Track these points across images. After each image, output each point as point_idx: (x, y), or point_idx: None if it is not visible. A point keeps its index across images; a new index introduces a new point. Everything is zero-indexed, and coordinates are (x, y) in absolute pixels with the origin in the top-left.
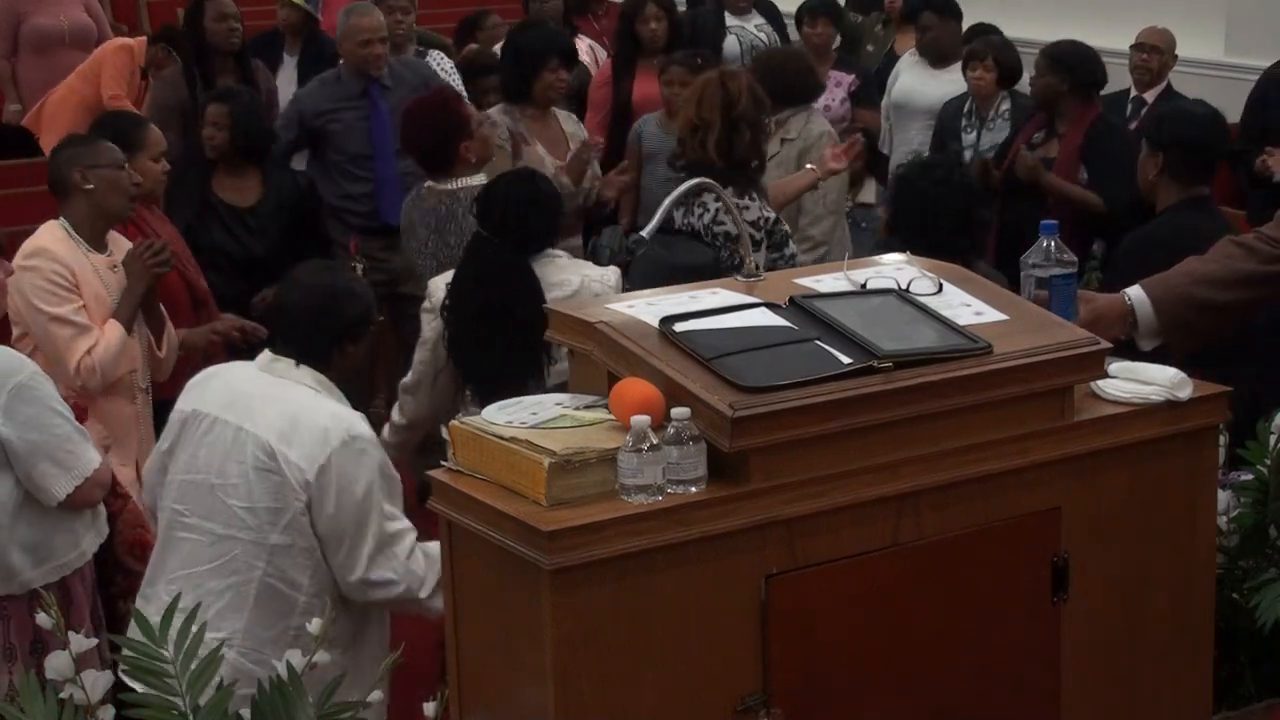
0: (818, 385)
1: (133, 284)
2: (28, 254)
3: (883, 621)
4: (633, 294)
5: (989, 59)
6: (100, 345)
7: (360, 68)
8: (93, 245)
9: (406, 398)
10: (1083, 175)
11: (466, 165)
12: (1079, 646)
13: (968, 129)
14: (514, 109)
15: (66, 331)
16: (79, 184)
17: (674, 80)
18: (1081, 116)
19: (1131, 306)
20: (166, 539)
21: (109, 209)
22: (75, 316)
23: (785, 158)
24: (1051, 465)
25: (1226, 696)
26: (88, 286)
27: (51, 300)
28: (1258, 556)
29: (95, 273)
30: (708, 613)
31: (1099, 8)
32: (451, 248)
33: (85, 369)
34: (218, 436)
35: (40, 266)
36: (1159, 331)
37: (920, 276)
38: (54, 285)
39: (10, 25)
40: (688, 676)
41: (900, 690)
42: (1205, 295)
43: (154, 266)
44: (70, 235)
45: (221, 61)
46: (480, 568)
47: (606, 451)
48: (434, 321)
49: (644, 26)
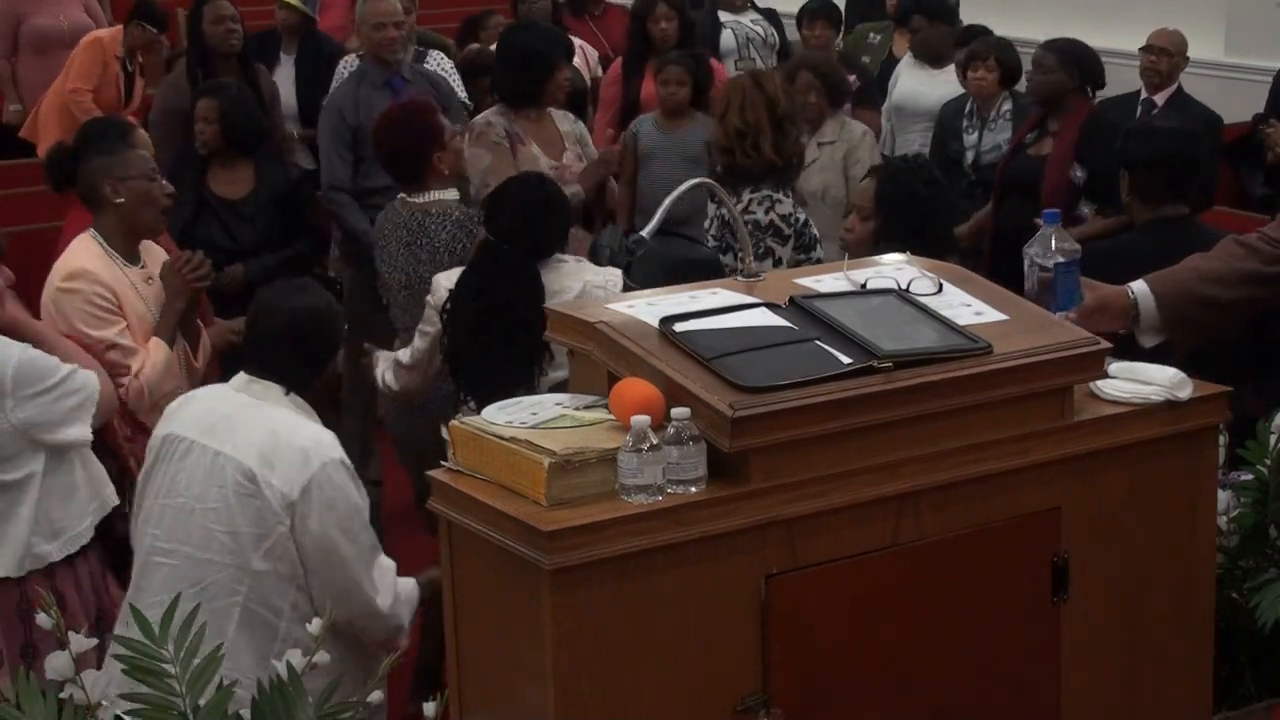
0: (818, 385)
1: (171, 299)
2: (67, 275)
3: (883, 621)
4: (633, 294)
5: (990, 59)
6: (147, 366)
7: (376, 52)
8: (126, 258)
9: (401, 370)
10: (1076, 172)
11: (439, 176)
12: (1079, 646)
13: (969, 129)
14: (510, 110)
15: (113, 355)
16: (109, 197)
17: (670, 80)
18: (1077, 114)
19: (1135, 300)
20: (145, 565)
21: (140, 223)
22: (121, 339)
23: (828, 161)
24: (1051, 465)
25: (1226, 696)
26: (129, 306)
27: (96, 324)
28: (1258, 556)
29: (133, 288)
30: (708, 613)
31: (1099, 8)
32: (421, 263)
33: (134, 391)
34: (196, 461)
35: (82, 289)
36: (1160, 327)
37: (920, 276)
38: (96, 308)
39: (10, 25)
40: (688, 676)
41: (900, 690)
42: (1208, 292)
43: (193, 281)
44: (104, 249)
45: (223, 64)
46: (480, 568)
47: (606, 451)
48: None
49: (655, 25)
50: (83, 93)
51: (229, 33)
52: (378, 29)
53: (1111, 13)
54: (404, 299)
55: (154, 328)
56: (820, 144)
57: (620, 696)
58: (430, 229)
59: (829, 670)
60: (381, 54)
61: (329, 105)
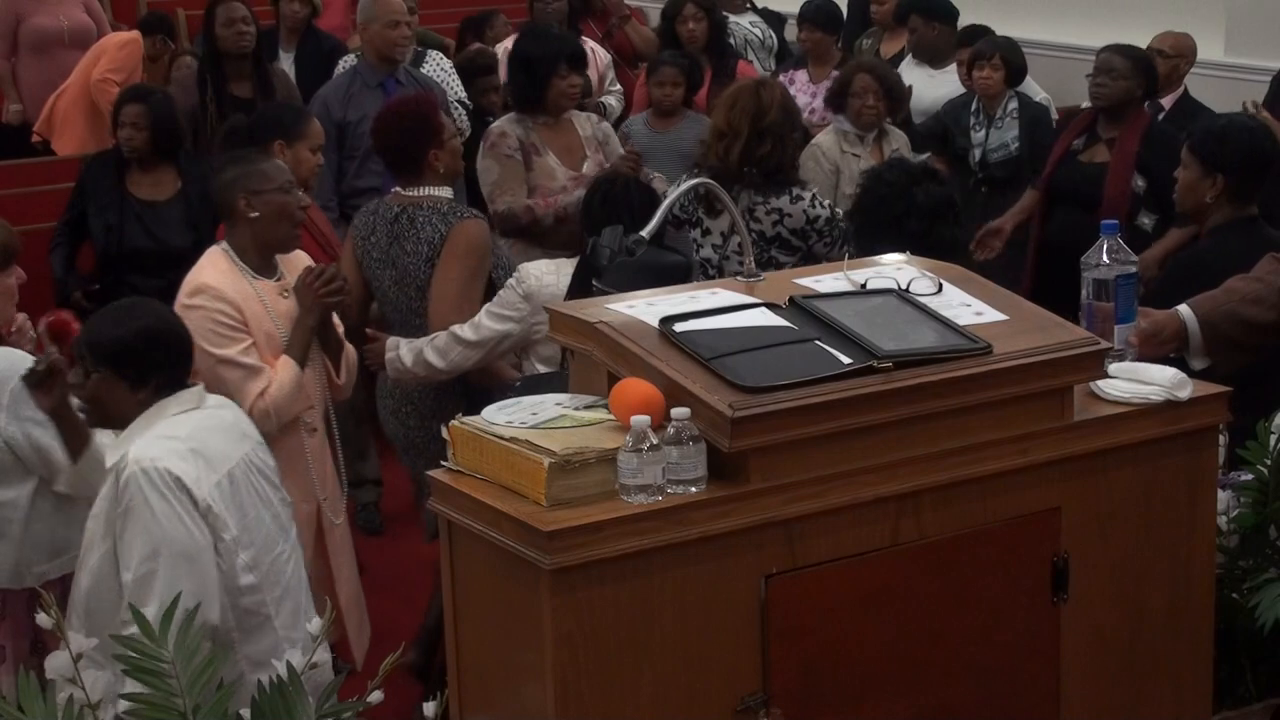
0: (817, 385)
1: (303, 316)
2: (191, 291)
3: (883, 621)
4: (632, 294)
5: (996, 58)
6: (274, 386)
7: (386, 51)
8: (259, 271)
9: (456, 345)
10: (1137, 182)
11: (434, 174)
12: (1079, 646)
13: (975, 127)
14: (525, 117)
15: (236, 374)
16: (243, 211)
17: (665, 81)
18: (1138, 122)
19: (1184, 323)
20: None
21: (274, 238)
22: (244, 358)
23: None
24: (1051, 465)
25: (1226, 696)
26: (256, 322)
27: (218, 341)
28: (1258, 556)
29: (262, 302)
30: (708, 613)
31: (1099, 8)
32: (407, 255)
33: (259, 412)
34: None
35: (204, 305)
36: (1205, 350)
37: (920, 276)
38: (220, 325)
39: (10, 25)
40: (687, 676)
41: (900, 690)
42: (1250, 314)
43: (326, 296)
44: (235, 262)
45: (236, 65)
46: (480, 568)
47: (606, 451)
48: (520, 304)
49: (683, 26)
50: (111, 83)
51: (241, 34)
52: (392, 26)
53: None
54: (394, 294)
55: (284, 345)
56: (893, 151)
57: (620, 696)
58: (419, 221)
59: (829, 670)
60: (390, 53)
61: (316, 99)
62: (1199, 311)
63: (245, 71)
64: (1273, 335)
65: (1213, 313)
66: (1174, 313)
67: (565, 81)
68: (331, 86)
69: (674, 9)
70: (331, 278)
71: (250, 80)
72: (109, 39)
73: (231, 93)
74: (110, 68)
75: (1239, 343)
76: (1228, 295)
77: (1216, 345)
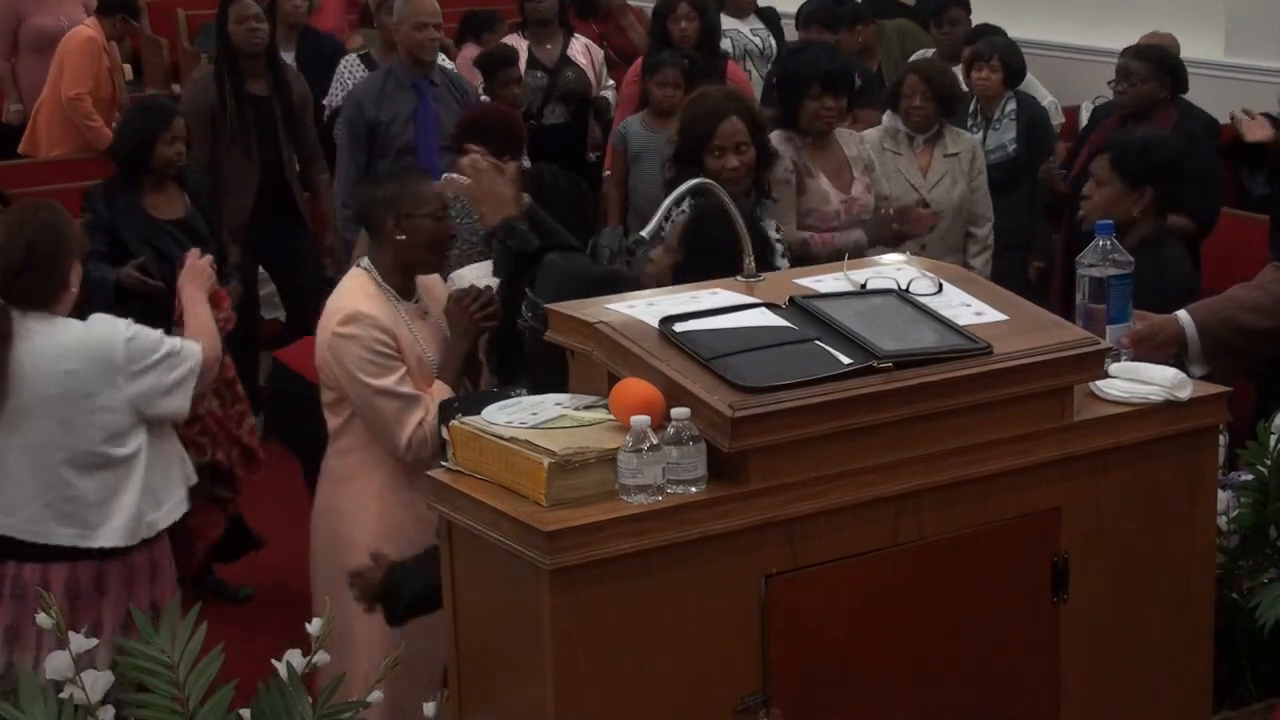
0: (817, 385)
1: (458, 340)
2: (344, 319)
3: (883, 621)
4: (632, 294)
5: (994, 59)
6: (431, 414)
7: (415, 52)
8: (400, 293)
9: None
10: None
11: None
12: (1079, 646)
13: (973, 129)
14: (794, 135)
15: (393, 405)
16: (390, 232)
17: (667, 82)
18: (1164, 122)
19: (1183, 329)
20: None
21: (417, 263)
22: (401, 388)
23: (957, 172)
24: (1051, 465)
25: (1226, 696)
26: (408, 348)
27: (375, 372)
28: (1258, 556)
29: (408, 327)
30: (708, 613)
31: (1099, 8)
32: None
33: (417, 441)
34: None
35: (360, 335)
36: (1204, 356)
37: (920, 276)
38: (375, 355)
39: (10, 25)
40: (688, 676)
41: (900, 690)
42: (1250, 321)
43: (480, 320)
44: (378, 284)
45: (251, 63)
46: (480, 568)
47: (606, 451)
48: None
49: (675, 25)
50: (83, 97)
51: (252, 32)
52: (419, 28)
53: (1110, 13)
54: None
55: (436, 370)
56: (945, 155)
57: (620, 696)
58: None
59: (829, 670)
60: (420, 54)
61: (350, 97)
62: (1198, 318)
63: (259, 69)
64: (1272, 342)
65: (1211, 319)
66: (1172, 318)
67: (818, 103)
68: (365, 85)
69: (666, 7)
70: (488, 301)
71: (264, 78)
72: (65, 43)
73: (249, 90)
74: (74, 81)
75: (1237, 350)
76: (1227, 302)
77: (1215, 352)
